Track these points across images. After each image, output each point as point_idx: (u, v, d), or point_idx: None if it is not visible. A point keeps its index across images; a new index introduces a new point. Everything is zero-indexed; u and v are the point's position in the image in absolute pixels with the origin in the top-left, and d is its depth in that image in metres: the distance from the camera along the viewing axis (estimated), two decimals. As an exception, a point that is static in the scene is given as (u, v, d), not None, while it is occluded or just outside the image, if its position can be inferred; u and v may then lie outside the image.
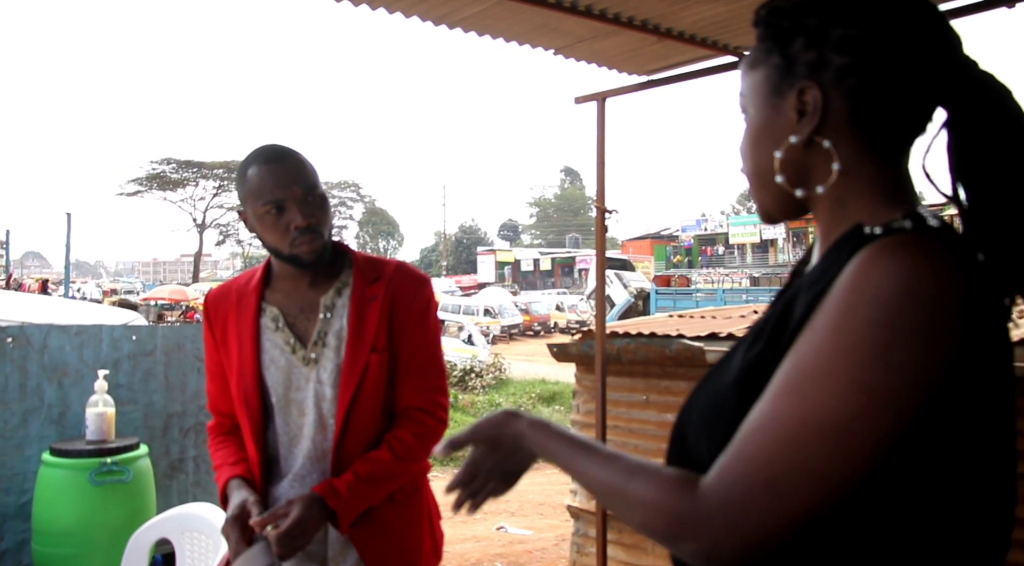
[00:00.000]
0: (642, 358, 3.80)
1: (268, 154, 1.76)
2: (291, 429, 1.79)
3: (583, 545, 4.23)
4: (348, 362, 1.75)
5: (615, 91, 3.69)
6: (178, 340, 3.59)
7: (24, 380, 3.25)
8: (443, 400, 1.87)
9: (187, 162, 58.15)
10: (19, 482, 3.22)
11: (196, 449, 3.66)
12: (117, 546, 2.67)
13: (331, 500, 1.68)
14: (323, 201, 1.77)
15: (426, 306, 1.85)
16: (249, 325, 1.81)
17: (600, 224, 3.69)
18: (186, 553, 2.61)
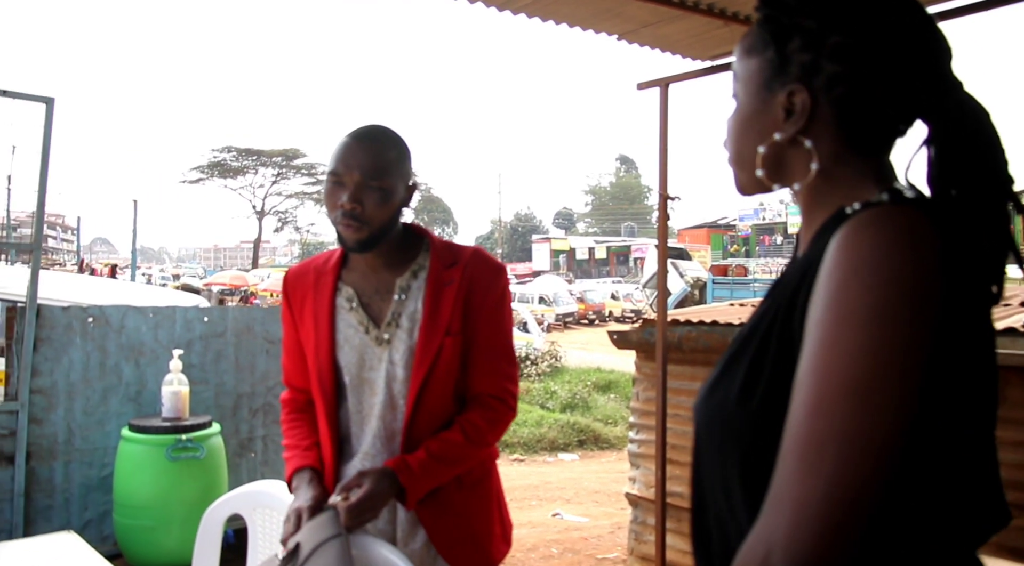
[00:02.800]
0: (703, 346, 3.79)
1: (360, 130, 1.78)
2: (363, 408, 1.81)
3: (641, 533, 4.23)
4: (422, 344, 1.76)
5: (679, 77, 3.66)
6: (248, 322, 3.68)
7: (104, 359, 3.37)
8: (513, 388, 1.86)
9: (247, 150, 59.19)
10: (100, 456, 3.35)
11: (265, 429, 3.75)
12: (192, 520, 2.74)
13: (402, 476, 1.69)
14: (382, 195, 1.74)
15: (501, 294, 1.85)
16: (325, 304, 1.84)
17: (663, 211, 3.67)
18: (257, 529, 2.67)
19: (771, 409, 0.81)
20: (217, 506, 2.70)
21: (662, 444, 3.61)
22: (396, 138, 1.80)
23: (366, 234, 1.74)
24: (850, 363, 0.74)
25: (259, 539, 2.67)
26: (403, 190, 1.79)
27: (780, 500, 0.74)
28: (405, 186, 1.80)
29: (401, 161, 1.79)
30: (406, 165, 1.81)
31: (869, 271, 0.75)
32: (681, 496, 3.89)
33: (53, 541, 2.59)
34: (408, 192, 1.82)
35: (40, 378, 3.24)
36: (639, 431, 4.28)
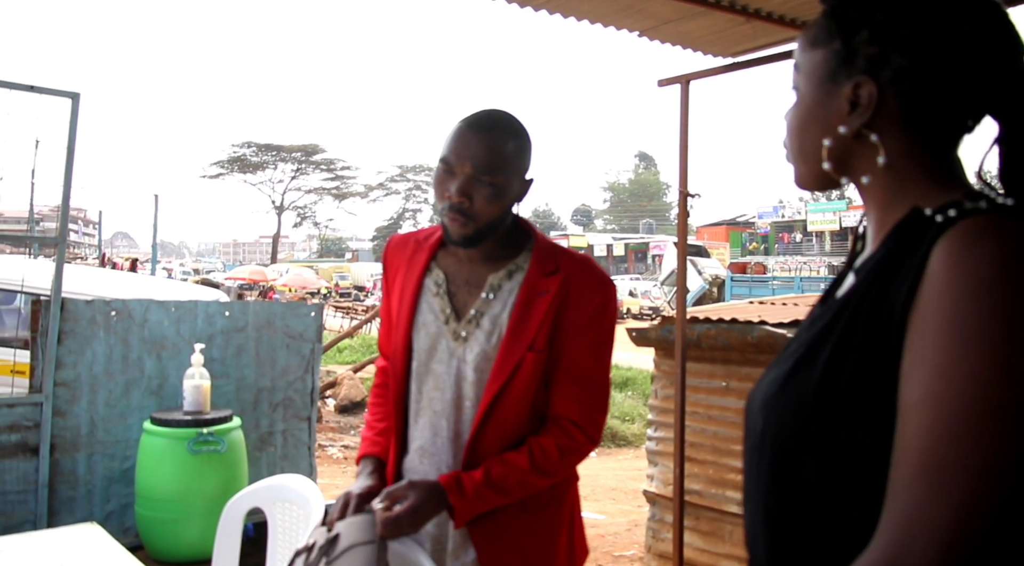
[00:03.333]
0: (723, 344, 3.77)
1: (476, 117, 1.65)
2: (421, 398, 1.72)
3: (659, 530, 4.22)
4: (502, 355, 1.63)
5: (699, 74, 3.64)
6: (268, 317, 3.70)
7: (126, 352, 3.41)
8: (598, 418, 1.71)
9: (266, 145, 59.58)
10: (122, 449, 3.38)
11: (285, 423, 3.77)
12: (212, 513, 2.76)
13: (452, 495, 1.59)
14: (494, 190, 1.61)
15: (600, 312, 1.68)
16: (413, 281, 1.74)
17: (683, 208, 3.66)
18: (277, 523, 2.69)
19: (853, 404, 0.80)
20: (237, 500, 2.73)
21: (680, 442, 3.60)
22: (516, 128, 1.67)
23: (471, 230, 1.63)
24: (978, 388, 0.72)
25: (279, 533, 2.69)
26: (517, 185, 1.67)
27: (910, 525, 0.73)
28: (520, 181, 1.68)
29: (519, 154, 1.66)
30: (524, 158, 1.68)
31: (991, 291, 0.73)
32: (699, 494, 3.88)
33: (76, 532, 2.62)
34: (523, 187, 1.70)
35: (64, 371, 3.28)
36: (657, 428, 4.27)
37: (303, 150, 60.15)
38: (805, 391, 0.85)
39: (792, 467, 0.86)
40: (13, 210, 8.62)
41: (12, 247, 14.99)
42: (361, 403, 10.72)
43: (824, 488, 0.83)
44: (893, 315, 0.79)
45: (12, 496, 3.16)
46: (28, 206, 11.01)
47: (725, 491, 3.79)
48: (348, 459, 8.39)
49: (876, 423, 0.79)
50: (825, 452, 0.82)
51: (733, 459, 3.77)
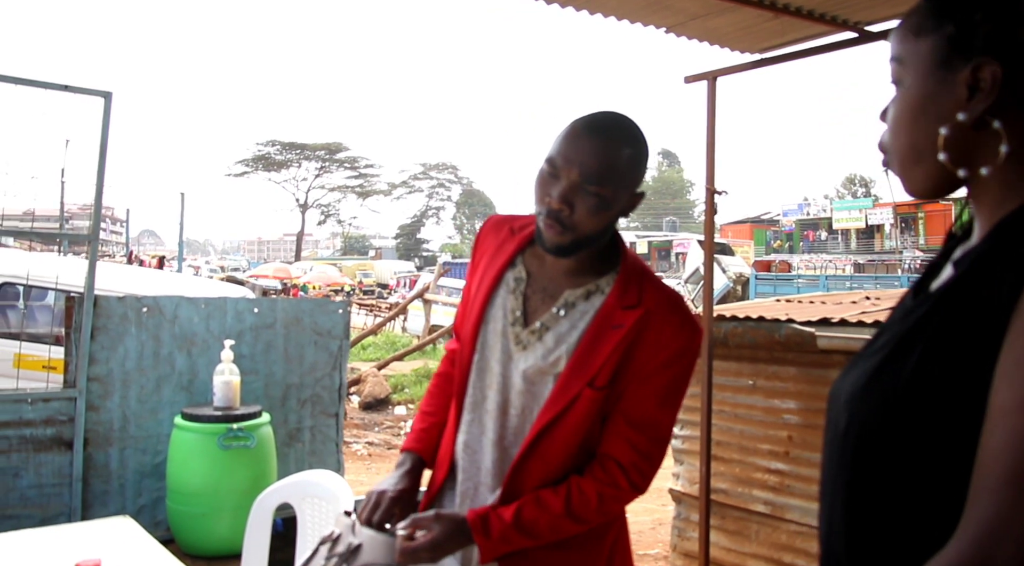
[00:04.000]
0: (749, 342, 3.75)
1: (593, 120, 1.53)
2: (476, 394, 1.67)
3: (684, 529, 4.21)
4: (559, 387, 1.54)
5: (726, 70, 3.63)
6: (296, 314, 3.73)
7: (157, 348, 3.45)
8: (648, 468, 1.58)
9: (291, 144, 59.96)
10: (153, 443, 3.43)
11: (312, 419, 3.80)
12: (242, 508, 2.79)
13: (477, 535, 1.54)
14: (599, 202, 1.50)
15: (675, 358, 1.54)
16: (496, 271, 1.66)
17: (710, 205, 3.65)
18: (307, 518, 2.71)
19: (944, 401, 0.78)
20: (267, 495, 2.76)
21: (707, 440, 3.59)
22: (634, 135, 1.54)
23: (568, 240, 1.52)
24: None
25: (308, 528, 2.71)
26: (625, 199, 1.55)
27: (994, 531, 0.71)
28: (630, 195, 1.55)
29: (633, 165, 1.53)
30: (638, 170, 1.55)
31: None
32: (725, 493, 3.87)
33: (110, 525, 2.66)
34: (632, 201, 1.56)
35: (97, 366, 3.32)
36: (683, 427, 4.26)
37: (327, 148, 60.49)
38: (896, 385, 0.82)
39: (876, 461, 0.83)
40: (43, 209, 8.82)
41: (43, 245, 15.16)
42: (385, 400, 10.76)
43: (906, 484, 0.81)
44: (995, 313, 0.76)
45: (48, 489, 3.21)
46: (58, 204, 11.14)
47: (751, 490, 3.77)
48: (373, 456, 8.43)
49: (965, 421, 0.76)
50: (911, 447, 0.80)
51: (760, 458, 3.75)
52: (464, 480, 1.69)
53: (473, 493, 1.68)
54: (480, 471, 1.66)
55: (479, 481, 1.67)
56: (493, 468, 1.64)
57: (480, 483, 1.67)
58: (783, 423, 3.66)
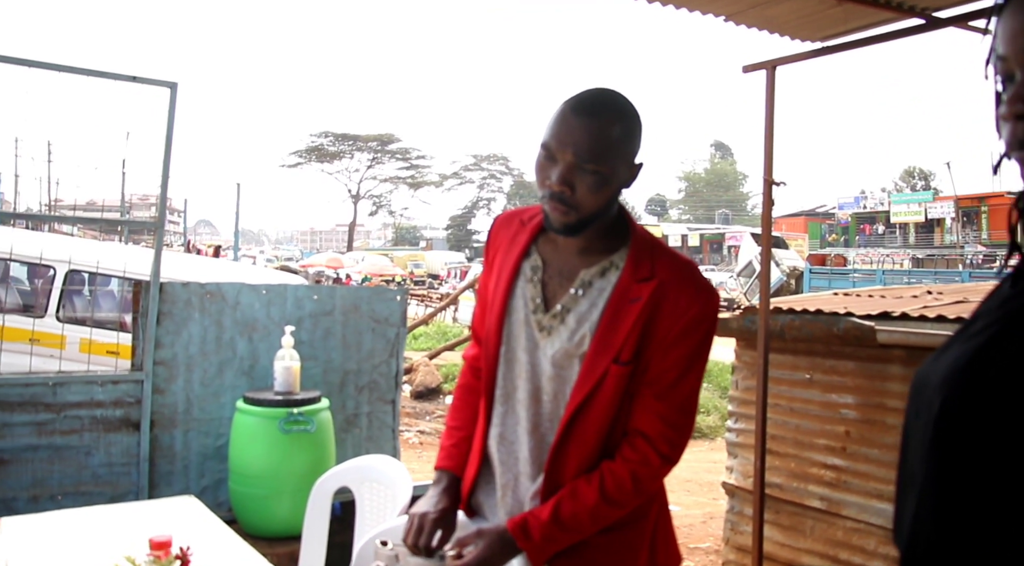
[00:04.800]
0: (807, 335, 3.71)
1: (581, 99, 1.55)
2: (507, 385, 1.69)
3: (737, 523, 4.19)
4: (587, 366, 1.57)
5: (786, 59, 3.58)
6: (355, 301, 3.78)
7: (220, 333, 3.53)
8: (677, 438, 1.62)
9: (343, 135, 60.59)
10: (216, 427, 3.51)
11: (370, 406, 3.86)
12: (302, 491, 2.85)
13: (521, 542, 1.56)
14: (597, 179, 1.52)
15: (694, 325, 1.57)
16: (511, 263, 1.69)
17: (767, 196, 3.61)
18: (365, 502, 2.76)
19: None
20: (327, 478, 2.81)
21: (762, 434, 3.56)
22: (623, 111, 1.56)
23: (573, 219, 1.55)
24: None
25: (367, 512, 2.77)
26: (624, 172, 1.57)
27: None
28: (628, 167, 1.58)
29: (626, 140, 1.55)
30: (631, 143, 1.57)
31: None
32: (780, 487, 3.84)
33: (176, 503, 2.75)
34: (631, 173, 1.59)
35: (162, 350, 3.41)
36: (738, 420, 4.24)
37: (379, 140, 60.99)
38: (1001, 367, 0.79)
39: (973, 447, 0.80)
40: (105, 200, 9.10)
41: (104, 234, 15.61)
42: (436, 390, 10.86)
43: (1002, 471, 0.78)
44: None
45: (117, 468, 3.32)
46: (119, 195, 11.47)
47: (807, 485, 3.74)
48: (424, 444, 8.53)
49: None
50: (1012, 434, 0.77)
51: (815, 453, 3.71)
52: (503, 472, 1.71)
53: (514, 484, 1.70)
54: (519, 461, 1.69)
55: (518, 471, 1.69)
56: (530, 456, 1.66)
57: (519, 473, 1.69)
58: (840, 418, 3.61)
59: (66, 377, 3.30)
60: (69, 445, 3.26)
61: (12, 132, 4.34)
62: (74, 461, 3.27)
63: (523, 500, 1.68)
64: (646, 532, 1.69)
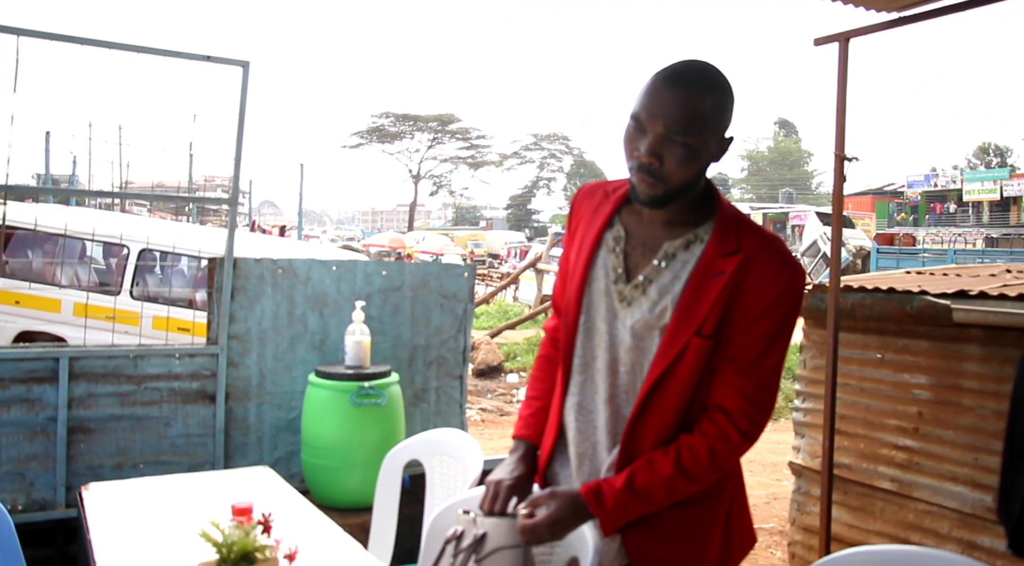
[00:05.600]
0: (879, 314, 3.63)
1: (673, 71, 1.52)
2: (585, 354, 1.70)
3: (804, 503, 4.14)
4: (668, 338, 1.56)
5: (861, 30, 3.47)
6: (423, 277, 3.82)
7: (291, 308, 3.61)
8: (758, 415, 1.59)
9: (404, 115, 60.93)
10: (288, 400, 3.59)
11: (438, 381, 3.91)
12: (373, 463, 2.90)
13: (593, 507, 1.57)
14: (687, 152, 1.50)
15: (778, 301, 1.55)
16: (594, 233, 1.68)
17: (838, 172, 3.53)
18: (435, 474, 2.80)
19: None
20: (397, 451, 2.86)
21: (831, 414, 3.51)
22: (716, 82, 1.53)
23: (661, 191, 1.54)
24: None
25: (437, 485, 2.81)
26: (714, 145, 1.55)
27: None
28: (718, 140, 1.55)
29: (717, 112, 1.52)
30: (723, 116, 1.54)
31: None
32: (849, 468, 3.78)
33: (251, 473, 2.83)
34: (721, 147, 1.57)
35: (236, 325, 3.50)
36: (805, 399, 4.18)
37: (439, 120, 61.20)
38: None
39: None
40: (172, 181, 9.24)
41: (172, 214, 16.06)
42: (498, 368, 10.93)
43: None
44: None
45: (194, 439, 3.43)
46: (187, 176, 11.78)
47: (877, 466, 3.67)
48: (486, 421, 8.60)
49: None
50: None
51: (886, 433, 3.65)
52: (580, 441, 1.72)
53: (592, 453, 1.71)
54: (596, 431, 1.70)
55: (596, 441, 1.70)
56: (607, 426, 1.67)
57: (597, 442, 1.70)
58: (913, 398, 3.54)
59: (146, 350, 3.41)
60: (149, 416, 3.38)
61: (86, 116, 4.47)
62: (154, 431, 3.38)
63: (600, 470, 1.69)
64: (720, 509, 1.69)
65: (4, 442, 3.14)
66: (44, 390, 3.18)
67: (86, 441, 3.27)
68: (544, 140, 68.74)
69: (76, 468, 3.24)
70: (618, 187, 1.72)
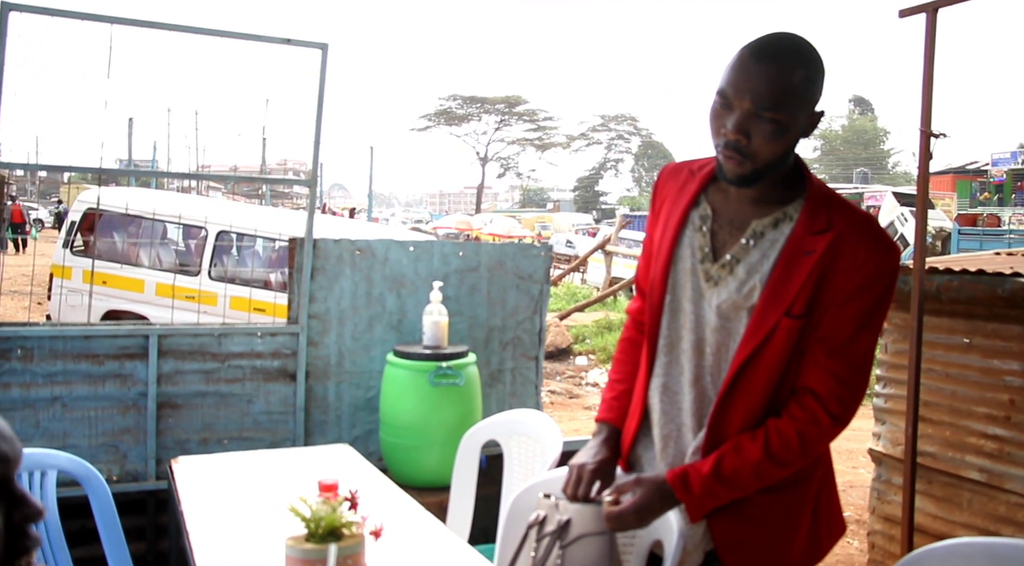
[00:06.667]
0: (966, 297, 3.50)
1: (761, 44, 1.48)
2: (671, 334, 1.68)
3: (885, 492, 4.04)
4: (756, 318, 1.53)
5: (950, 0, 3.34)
6: (500, 258, 3.83)
7: (369, 289, 3.65)
8: (850, 398, 1.55)
9: (471, 98, 61.14)
10: (366, 379, 3.65)
11: (514, 361, 3.92)
12: (451, 443, 2.93)
13: (680, 494, 1.55)
14: (776, 128, 1.46)
15: (871, 281, 1.50)
16: (679, 212, 1.65)
17: (924, 149, 3.39)
18: (513, 455, 2.81)
19: None
20: (475, 431, 2.88)
21: (914, 400, 3.40)
22: (806, 55, 1.48)
23: (748, 169, 1.51)
24: None
25: (515, 465, 2.82)
26: (803, 120, 1.51)
27: None
28: (808, 115, 1.52)
29: (807, 87, 1.48)
30: (813, 90, 1.50)
31: None
32: (933, 456, 3.67)
33: (332, 450, 2.88)
34: (811, 122, 1.53)
35: (316, 304, 3.56)
36: (887, 385, 4.06)
37: (506, 102, 61.21)
38: None
39: None
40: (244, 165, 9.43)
41: (245, 198, 16.50)
42: (567, 350, 10.92)
43: None
44: None
45: (276, 416, 3.51)
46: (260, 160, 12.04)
47: (964, 455, 3.56)
48: (555, 404, 8.61)
49: None
50: None
51: (975, 422, 3.52)
52: (665, 423, 1.70)
53: (676, 435, 1.68)
54: (681, 412, 1.67)
55: (680, 422, 1.68)
56: (692, 408, 1.64)
57: (682, 424, 1.68)
58: (1004, 385, 3.41)
59: (229, 329, 3.50)
60: (233, 393, 3.47)
61: (165, 103, 4.59)
62: (237, 408, 3.47)
63: (685, 453, 1.67)
64: (809, 495, 1.66)
65: (100, 415, 3.27)
66: (135, 366, 3.30)
67: (174, 416, 3.38)
68: (612, 121, 68.17)
69: (165, 442, 3.36)
70: (704, 165, 1.69)
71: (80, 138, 3.86)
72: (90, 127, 3.25)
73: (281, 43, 3.46)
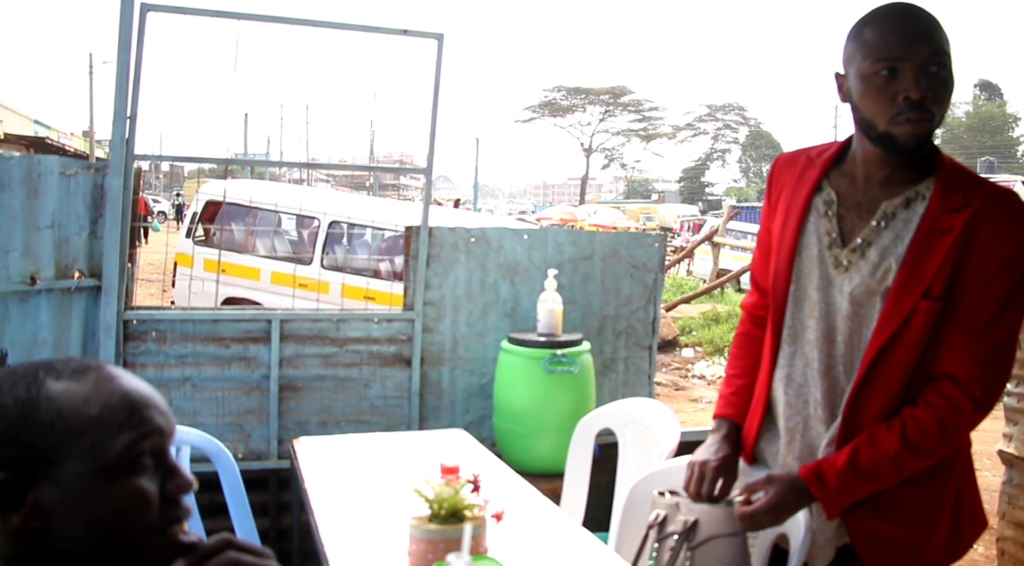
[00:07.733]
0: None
1: (894, 9, 1.46)
2: (795, 325, 1.63)
3: (1016, 497, 3.82)
4: (893, 301, 1.47)
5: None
6: (613, 246, 3.79)
7: (484, 276, 3.68)
8: (993, 381, 1.49)
9: (576, 89, 61.02)
10: (480, 365, 3.68)
11: (627, 351, 3.88)
12: (565, 430, 2.93)
13: (816, 490, 1.50)
14: (948, 77, 1.43)
15: (1015, 258, 1.43)
16: (801, 200, 1.61)
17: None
18: (628, 444, 2.78)
19: None
20: (590, 419, 2.86)
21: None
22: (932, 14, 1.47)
23: (928, 129, 1.45)
24: None
25: (630, 454, 2.79)
26: (951, 84, 1.48)
27: None
28: (953, 80, 1.49)
29: (950, 47, 1.46)
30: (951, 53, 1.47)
31: None
32: (1072, 459, 3.45)
33: (447, 435, 2.92)
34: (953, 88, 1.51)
35: (431, 291, 3.61)
36: (1018, 384, 3.85)
37: (611, 92, 60.78)
38: None
39: None
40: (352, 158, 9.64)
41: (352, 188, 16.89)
42: (673, 342, 10.77)
43: None
44: None
45: (392, 400, 3.58)
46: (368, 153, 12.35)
47: (1106, 458, 3.34)
48: (661, 396, 8.50)
49: None
50: None
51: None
52: (791, 416, 1.64)
53: (803, 428, 1.63)
54: (808, 404, 1.62)
55: (808, 415, 1.62)
56: (823, 400, 1.58)
57: (809, 416, 1.62)
58: None
59: (347, 314, 3.59)
60: (350, 377, 3.54)
61: (277, 98, 4.74)
62: (355, 392, 3.55)
63: (815, 446, 1.62)
64: (950, 488, 1.59)
65: (227, 396, 3.40)
66: (259, 349, 3.42)
67: (295, 399, 3.48)
68: (719, 111, 66.83)
69: (286, 423, 3.47)
70: (822, 151, 1.63)
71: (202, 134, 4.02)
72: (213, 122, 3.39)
73: (398, 34, 3.52)
